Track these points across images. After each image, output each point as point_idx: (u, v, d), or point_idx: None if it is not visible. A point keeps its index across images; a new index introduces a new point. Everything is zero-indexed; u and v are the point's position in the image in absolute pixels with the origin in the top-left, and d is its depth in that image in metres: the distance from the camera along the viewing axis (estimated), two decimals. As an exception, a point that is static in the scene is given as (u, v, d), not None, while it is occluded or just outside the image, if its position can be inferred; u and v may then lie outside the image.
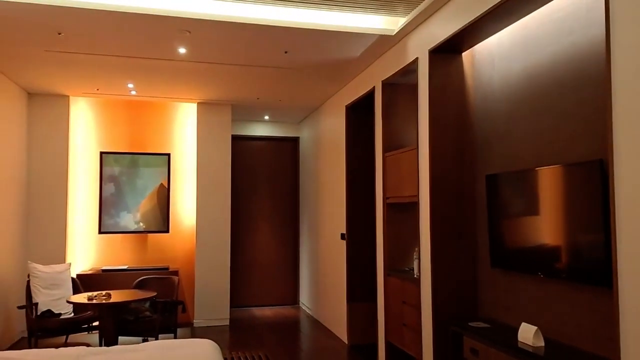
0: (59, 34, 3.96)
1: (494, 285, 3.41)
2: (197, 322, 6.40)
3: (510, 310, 3.22)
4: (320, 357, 5.13)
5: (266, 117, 7.63)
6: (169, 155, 6.67)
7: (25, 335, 5.43)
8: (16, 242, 5.62)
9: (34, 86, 5.69)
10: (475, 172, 3.63)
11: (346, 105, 5.63)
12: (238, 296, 7.56)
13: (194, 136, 6.72)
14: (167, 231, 6.58)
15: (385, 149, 4.55)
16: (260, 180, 7.92)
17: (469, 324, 3.28)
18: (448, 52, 3.67)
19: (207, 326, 6.35)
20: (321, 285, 6.63)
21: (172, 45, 4.31)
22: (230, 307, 6.63)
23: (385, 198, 4.52)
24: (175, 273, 6.08)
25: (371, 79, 4.90)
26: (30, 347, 4.71)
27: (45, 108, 6.08)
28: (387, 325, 4.44)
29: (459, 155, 3.68)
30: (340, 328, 5.78)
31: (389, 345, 4.42)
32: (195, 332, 6.01)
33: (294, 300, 7.90)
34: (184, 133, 6.83)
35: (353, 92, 5.44)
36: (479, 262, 3.58)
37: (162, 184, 6.61)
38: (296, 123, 8.05)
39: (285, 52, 4.48)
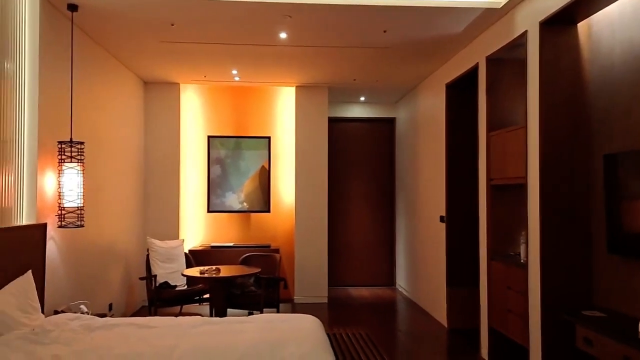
0: (172, 25, 4.24)
1: (610, 272, 3.18)
2: (297, 298, 6.65)
3: (629, 300, 2.99)
4: (420, 339, 5.12)
5: (362, 99, 7.63)
6: (269, 138, 6.92)
7: (146, 304, 5.99)
8: (136, 219, 6.17)
9: (149, 75, 6.15)
10: (590, 151, 3.38)
11: (446, 84, 5.46)
12: (335, 275, 7.72)
13: (292, 119, 6.90)
14: (269, 211, 6.87)
15: (489, 128, 4.37)
16: (357, 162, 7.96)
17: (583, 312, 3.10)
18: (561, 23, 3.43)
19: (307, 303, 6.58)
20: (419, 268, 6.58)
21: (274, 31, 4.44)
22: (328, 285, 6.80)
23: (489, 179, 4.36)
24: (277, 251, 6.34)
25: (474, 55, 4.70)
26: (150, 315, 5.18)
27: (158, 95, 6.55)
28: (490, 311, 4.32)
29: (572, 133, 3.44)
30: (438, 311, 5.71)
31: (492, 331, 4.30)
32: (296, 308, 6.25)
33: (390, 281, 7.92)
34: (282, 116, 7.04)
35: (454, 69, 5.26)
36: (594, 247, 3.35)
37: (263, 166, 6.88)
38: (392, 103, 7.96)
39: (384, 32, 4.43)
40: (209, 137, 6.86)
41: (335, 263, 7.72)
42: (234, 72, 5.95)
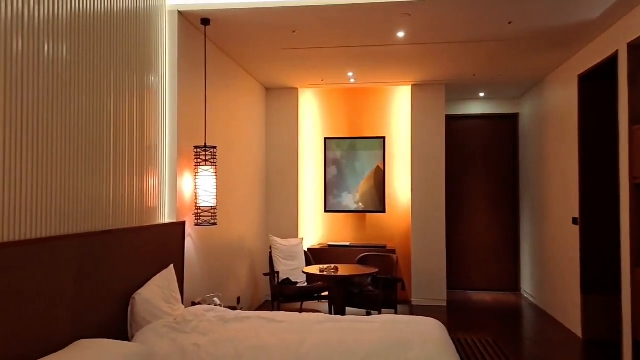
0: (294, 32, 4.40)
1: None
2: (415, 300, 6.55)
3: None
4: (553, 350, 4.78)
5: (481, 95, 7.31)
6: (384, 138, 6.90)
7: (269, 298, 6.28)
8: (260, 218, 6.51)
9: (270, 81, 6.45)
10: None
11: (579, 75, 5.04)
12: (454, 278, 7.48)
13: (407, 118, 6.82)
14: (384, 211, 6.85)
15: (632, 121, 3.95)
16: (476, 160, 7.65)
17: None
18: None
19: (425, 305, 6.46)
20: (548, 273, 6.14)
21: (392, 30, 4.42)
22: (447, 288, 6.61)
23: (632, 177, 3.94)
24: (393, 251, 6.30)
25: (612, 42, 4.28)
26: (273, 310, 5.43)
27: (279, 100, 6.85)
28: (635, 321, 3.90)
29: None
30: (572, 320, 5.28)
31: (636, 344, 3.89)
32: (414, 310, 6.16)
33: (514, 286, 7.49)
34: (398, 116, 6.98)
35: (587, 59, 4.84)
36: None
37: (378, 166, 6.88)
38: (515, 98, 7.53)
39: (509, 23, 4.20)
40: (325, 138, 7.02)
41: (454, 265, 7.48)
42: (350, 74, 6.03)
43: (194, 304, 4.01)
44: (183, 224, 4.03)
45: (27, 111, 2.43)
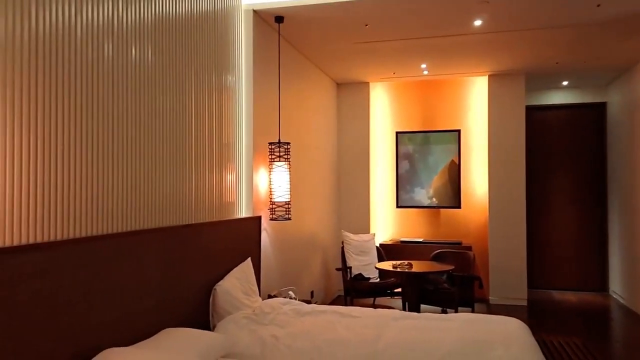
0: (366, 25, 4.36)
1: None
2: (493, 299, 6.32)
3: None
4: (646, 355, 4.44)
5: (565, 83, 6.90)
6: (459, 131, 6.70)
7: (341, 293, 6.30)
8: (332, 213, 6.54)
9: (342, 77, 6.44)
10: None
11: (677, 58, 4.62)
12: (535, 277, 7.13)
13: (483, 110, 6.57)
14: (459, 206, 6.65)
15: None
16: (559, 152, 7.24)
17: None
18: None
19: (504, 304, 6.21)
20: (640, 273, 5.71)
21: (468, 19, 4.26)
22: (527, 287, 6.32)
23: None
24: (469, 248, 6.11)
25: None
26: (346, 305, 5.43)
27: (349, 95, 6.84)
28: None
29: None
30: (669, 325, 4.88)
31: None
32: (492, 309, 5.94)
33: (601, 286, 7.03)
34: (473, 108, 6.74)
35: (688, 40, 4.42)
36: None
37: (452, 160, 6.69)
38: (602, 86, 7.04)
39: (598, 6, 3.92)
40: (397, 133, 6.92)
41: (535, 263, 7.13)
42: (423, 66, 5.90)
43: (270, 296, 4.10)
44: (259, 218, 4.12)
45: (118, 112, 2.57)
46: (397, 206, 6.88)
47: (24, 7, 2.02)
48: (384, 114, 7.06)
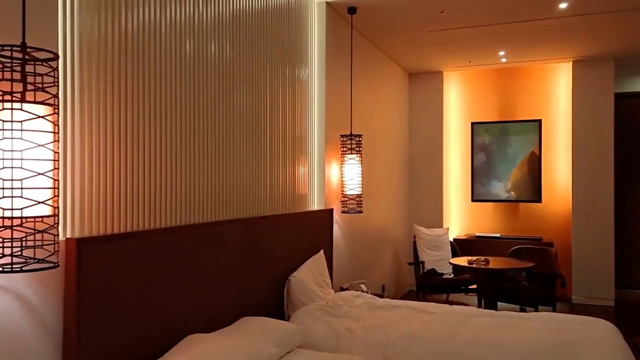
0: (442, 12, 4.23)
1: None
2: (576, 298, 5.98)
3: None
4: None
5: (659, 68, 6.35)
6: (540, 121, 6.36)
7: (413, 288, 6.21)
8: (403, 206, 6.45)
9: (414, 66, 6.31)
10: None
11: None
12: (623, 276, 6.64)
13: (567, 99, 6.20)
14: (539, 201, 6.33)
15: None
16: (652, 144, 6.69)
17: None
18: None
19: (588, 304, 5.86)
20: None
21: (552, 2, 4.02)
22: (615, 287, 5.91)
23: None
24: (550, 245, 5.80)
25: None
26: (418, 300, 5.34)
27: (422, 85, 6.68)
28: None
29: None
30: None
31: None
32: (575, 309, 5.62)
33: (700, 289, 6.45)
34: (555, 96, 6.37)
35: None
36: None
37: (533, 151, 6.37)
38: None
39: (703, -19, 3.57)
40: (472, 123, 6.68)
41: (624, 261, 6.64)
42: (501, 53, 5.64)
43: (342, 289, 4.11)
44: (331, 211, 4.13)
45: (199, 107, 2.66)
46: (472, 200, 6.66)
47: (115, 8, 2.13)
48: (458, 104, 6.84)
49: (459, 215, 6.84)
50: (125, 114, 2.18)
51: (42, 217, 1.57)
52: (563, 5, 4.08)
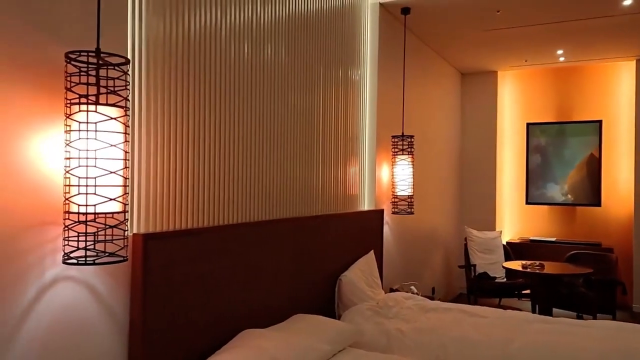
0: (498, 12, 4.14)
1: None
2: (637, 307, 5.70)
3: None
4: None
5: None
6: (600, 122, 6.10)
7: (463, 291, 6.10)
8: (454, 207, 6.34)
9: (467, 66, 6.20)
10: None
11: None
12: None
13: (629, 99, 5.91)
14: (599, 204, 6.07)
15: None
16: None
17: None
18: None
19: (651, 314, 5.58)
20: None
21: (616, -2, 3.86)
22: (681, 297, 5.60)
23: None
24: (610, 250, 5.56)
25: None
26: (469, 303, 5.24)
27: (475, 85, 6.55)
28: None
29: None
30: None
31: None
32: (636, 318, 5.36)
33: None
34: (617, 96, 6.09)
35: None
36: None
37: (592, 153, 6.12)
38: None
39: None
40: (527, 124, 6.49)
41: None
42: (559, 52, 5.46)
43: (392, 290, 4.10)
44: (382, 211, 4.13)
45: (255, 109, 2.73)
46: (527, 202, 6.47)
47: (179, 11, 2.22)
48: (513, 105, 6.67)
49: (513, 218, 6.66)
50: (187, 116, 2.27)
51: (113, 213, 1.66)
52: (628, 2, 3.90)
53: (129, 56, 1.98)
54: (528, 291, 5.29)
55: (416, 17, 4.28)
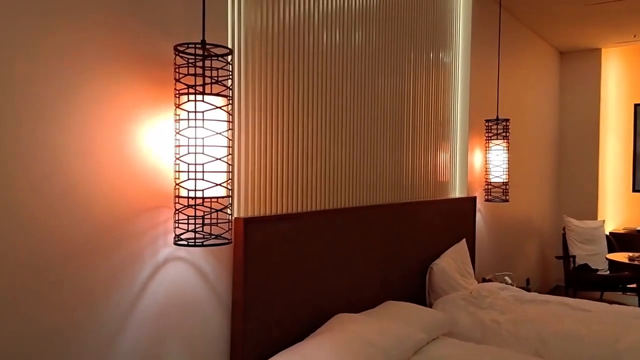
0: (605, -17, 3.82)
1: None
2: None
3: None
4: None
5: None
6: None
7: (560, 284, 5.77)
8: (551, 195, 5.99)
9: (567, 44, 5.79)
10: None
11: None
12: None
13: None
14: None
15: None
16: None
17: None
18: None
19: None
20: None
21: None
22: None
23: None
24: None
25: None
26: (567, 296, 4.95)
27: (575, 64, 6.11)
28: None
29: None
30: None
31: None
32: None
33: None
34: None
35: None
36: None
37: None
38: None
39: None
40: (635, 105, 5.96)
41: None
42: (676, 23, 4.94)
43: (484, 280, 3.96)
44: (474, 199, 3.99)
45: (346, 95, 2.73)
46: (634, 190, 5.96)
47: (275, 1, 2.26)
48: (619, 84, 6.14)
49: (617, 207, 6.17)
50: (282, 104, 2.32)
51: (218, 197, 1.74)
52: None
53: (230, 46, 2.05)
54: (634, 285, 4.90)
55: (512, -6, 4.06)
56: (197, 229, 1.74)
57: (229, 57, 1.79)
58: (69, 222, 1.53)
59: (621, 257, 4.63)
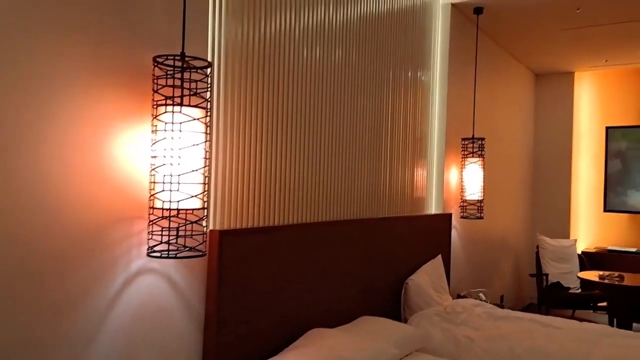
0: (578, 10, 3.95)
1: None
2: None
3: None
4: None
5: None
6: (690, 125, 5.67)
7: (533, 301, 5.85)
8: (525, 214, 6.10)
9: (541, 67, 5.95)
10: None
11: None
12: None
13: None
14: (687, 214, 5.64)
15: None
16: None
17: None
18: None
19: None
20: None
21: None
22: None
23: None
24: (700, 264, 5.15)
25: None
26: (539, 313, 5.01)
27: (550, 86, 6.28)
28: None
29: None
30: None
31: None
32: None
33: None
34: None
35: None
36: None
37: (680, 159, 5.69)
38: None
39: None
40: (607, 128, 6.13)
41: None
42: (645, 50, 5.13)
43: (459, 296, 4.00)
44: (450, 215, 4.04)
45: (325, 110, 2.76)
46: (605, 210, 6.11)
47: (255, 15, 2.28)
48: (591, 107, 6.32)
49: (589, 227, 6.31)
50: (261, 118, 2.34)
51: (194, 209, 1.74)
52: None
53: (209, 59, 2.06)
54: (605, 303, 4.99)
55: (489, 17, 4.16)
56: (170, 241, 1.73)
57: (208, 70, 1.80)
58: (43, 230, 1.51)
59: (592, 275, 4.72)
